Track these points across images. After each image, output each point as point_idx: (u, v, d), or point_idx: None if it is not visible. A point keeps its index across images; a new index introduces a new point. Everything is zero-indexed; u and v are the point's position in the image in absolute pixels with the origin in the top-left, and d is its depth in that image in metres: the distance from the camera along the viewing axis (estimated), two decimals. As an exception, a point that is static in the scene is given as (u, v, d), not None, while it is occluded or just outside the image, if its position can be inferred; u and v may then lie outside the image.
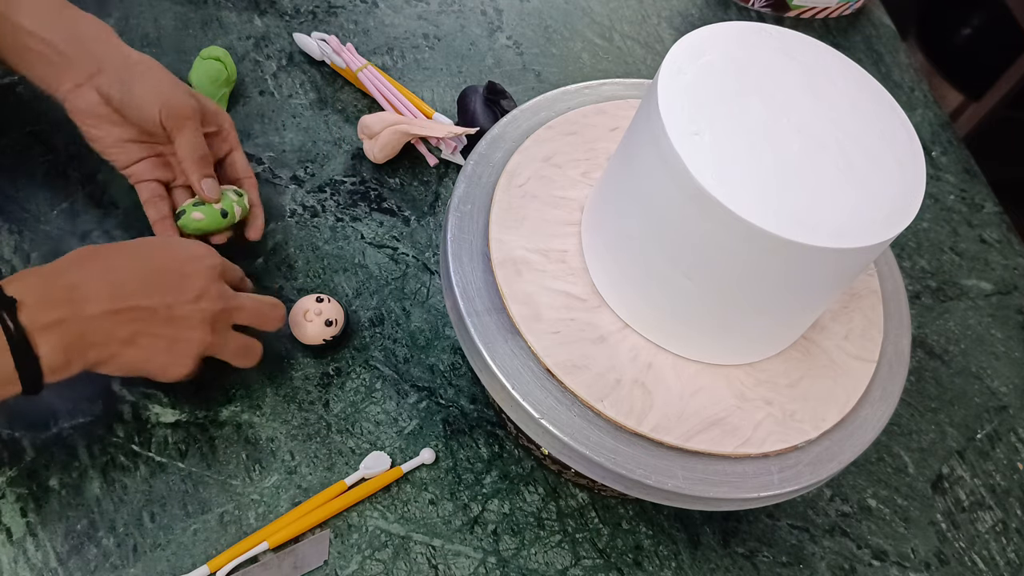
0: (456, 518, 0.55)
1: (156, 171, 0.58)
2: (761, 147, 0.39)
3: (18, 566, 0.49)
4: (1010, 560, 0.61)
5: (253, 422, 0.56)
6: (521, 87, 0.76)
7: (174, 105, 0.54)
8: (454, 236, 0.48)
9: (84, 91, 0.55)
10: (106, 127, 0.56)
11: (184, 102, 0.55)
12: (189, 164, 0.56)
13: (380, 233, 0.65)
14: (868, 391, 0.48)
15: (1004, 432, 0.67)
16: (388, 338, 0.61)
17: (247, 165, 0.61)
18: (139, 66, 0.55)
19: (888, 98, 0.43)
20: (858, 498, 0.61)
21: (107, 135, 0.56)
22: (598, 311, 0.47)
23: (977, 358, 0.70)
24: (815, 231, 0.37)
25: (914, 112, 0.85)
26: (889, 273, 0.54)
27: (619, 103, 0.55)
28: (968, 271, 0.75)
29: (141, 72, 0.55)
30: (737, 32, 0.43)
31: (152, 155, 0.58)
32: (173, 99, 0.54)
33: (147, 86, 0.54)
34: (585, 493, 0.57)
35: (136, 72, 0.55)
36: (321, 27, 0.76)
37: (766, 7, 0.90)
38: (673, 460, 0.43)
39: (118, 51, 0.55)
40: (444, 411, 0.58)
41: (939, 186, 0.80)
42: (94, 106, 0.55)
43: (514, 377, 0.44)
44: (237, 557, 0.51)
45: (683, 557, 0.56)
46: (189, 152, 0.55)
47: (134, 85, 0.54)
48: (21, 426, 0.53)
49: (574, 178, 0.52)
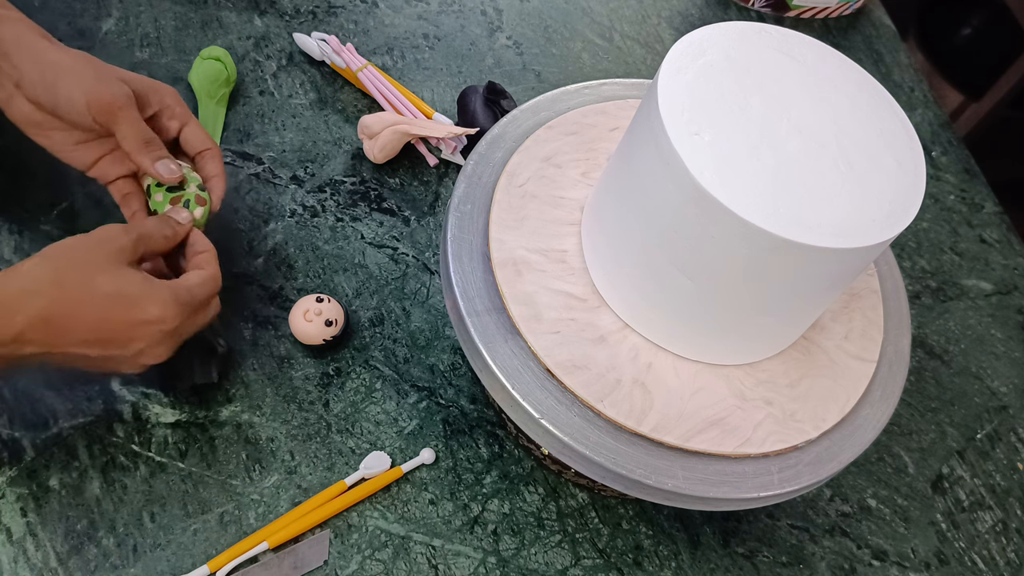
0: (456, 518, 0.55)
1: (119, 166, 0.55)
2: (761, 147, 0.39)
3: (18, 566, 0.49)
4: (1010, 560, 0.61)
5: (253, 422, 0.56)
6: (521, 87, 0.76)
7: (101, 98, 0.51)
8: (454, 236, 0.48)
9: (16, 100, 0.52)
10: (48, 133, 0.53)
11: (111, 91, 0.51)
12: (136, 154, 0.52)
13: (380, 233, 0.65)
14: (868, 391, 0.48)
15: (1004, 432, 0.67)
16: (388, 338, 0.61)
17: (205, 137, 0.56)
18: (58, 65, 0.51)
19: (888, 98, 0.43)
20: (858, 498, 0.61)
21: (53, 141, 0.54)
22: (598, 311, 0.47)
23: (977, 358, 0.70)
24: (815, 231, 0.37)
25: (914, 112, 0.85)
26: (889, 273, 0.54)
27: (619, 103, 0.55)
28: (968, 271, 0.75)
29: (61, 71, 0.51)
30: (737, 32, 0.43)
31: (109, 151, 0.55)
32: (98, 92, 0.51)
33: (70, 84, 0.51)
34: (585, 493, 0.57)
35: (56, 72, 0.51)
36: (321, 27, 0.76)
37: (766, 7, 0.90)
38: (673, 460, 0.43)
39: (35, 52, 0.52)
40: (444, 411, 0.58)
41: (939, 186, 0.80)
42: (29, 114, 0.52)
43: (514, 377, 0.44)
44: (237, 557, 0.51)
45: (683, 557, 0.56)
46: (132, 143, 0.52)
47: (57, 86, 0.51)
48: (21, 426, 0.53)
49: (574, 178, 0.52)
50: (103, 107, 0.51)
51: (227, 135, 0.68)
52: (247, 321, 0.59)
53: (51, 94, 0.51)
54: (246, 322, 0.59)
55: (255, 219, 0.64)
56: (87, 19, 0.71)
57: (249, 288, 0.61)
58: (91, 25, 0.71)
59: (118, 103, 0.51)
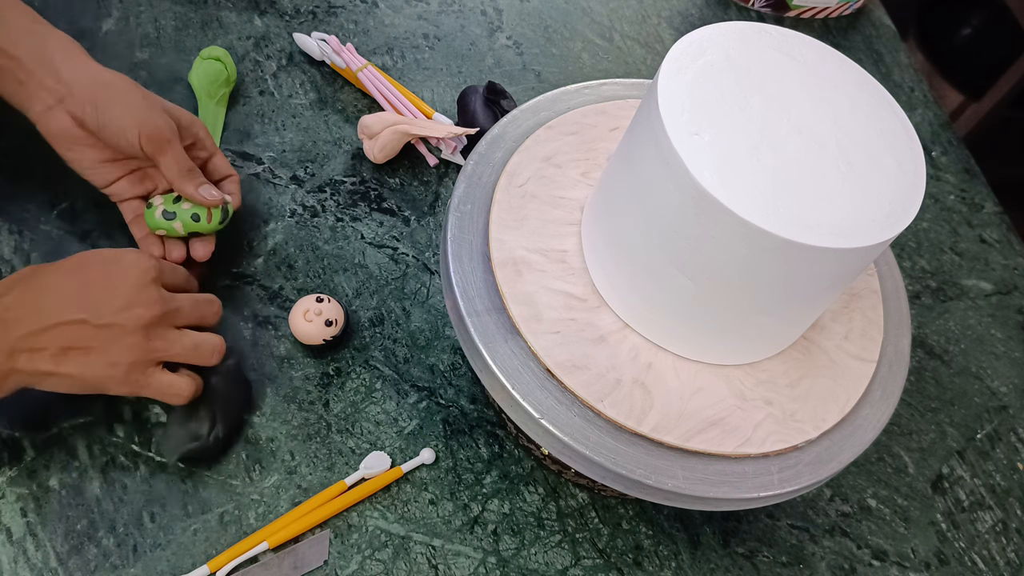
0: (456, 518, 0.55)
1: (136, 187, 0.58)
2: (761, 147, 0.39)
3: (18, 566, 0.49)
4: (1010, 560, 0.61)
5: (253, 422, 0.56)
6: (521, 87, 0.76)
7: (153, 129, 0.53)
8: (454, 236, 0.48)
9: (56, 114, 0.53)
10: (81, 149, 0.55)
11: (162, 124, 0.54)
12: (179, 181, 0.55)
13: (380, 233, 0.65)
14: (868, 391, 0.48)
15: (1004, 432, 0.67)
16: (388, 338, 0.61)
17: (227, 164, 0.60)
18: (110, 88, 0.53)
19: (888, 98, 0.43)
20: (858, 498, 0.61)
21: (83, 157, 0.55)
22: (598, 311, 0.47)
23: (977, 358, 0.70)
24: (815, 231, 0.37)
25: (914, 112, 0.85)
26: (889, 273, 0.54)
27: (619, 103, 0.55)
28: (968, 271, 0.75)
29: (113, 95, 0.53)
30: (737, 32, 0.43)
31: (130, 172, 0.57)
32: (150, 122, 0.53)
33: (122, 110, 0.53)
34: (585, 493, 0.57)
35: (108, 94, 0.53)
36: (321, 27, 0.76)
37: (766, 7, 0.90)
38: (673, 460, 0.43)
39: (87, 71, 0.54)
40: (444, 411, 0.58)
41: (939, 186, 0.80)
42: (67, 129, 0.54)
43: (514, 377, 0.44)
44: (237, 557, 0.51)
45: (683, 557, 0.56)
46: (177, 172, 0.55)
47: (108, 109, 0.53)
48: (21, 426, 0.53)
49: (574, 178, 0.52)
50: (154, 138, 0.53)
51: (227, 135, 0.68)
52: (247, 321, 0.59)
53: (101, 114, 0.53)
54: (246, 322, 0.59)
55: (255, 219, 0.64)
56: (87, 19, 0.71)
57: (249, 288, 0.61)
58: (91, 25, 0.71)
59: (167, 136, 0.54)
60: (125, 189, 0.57)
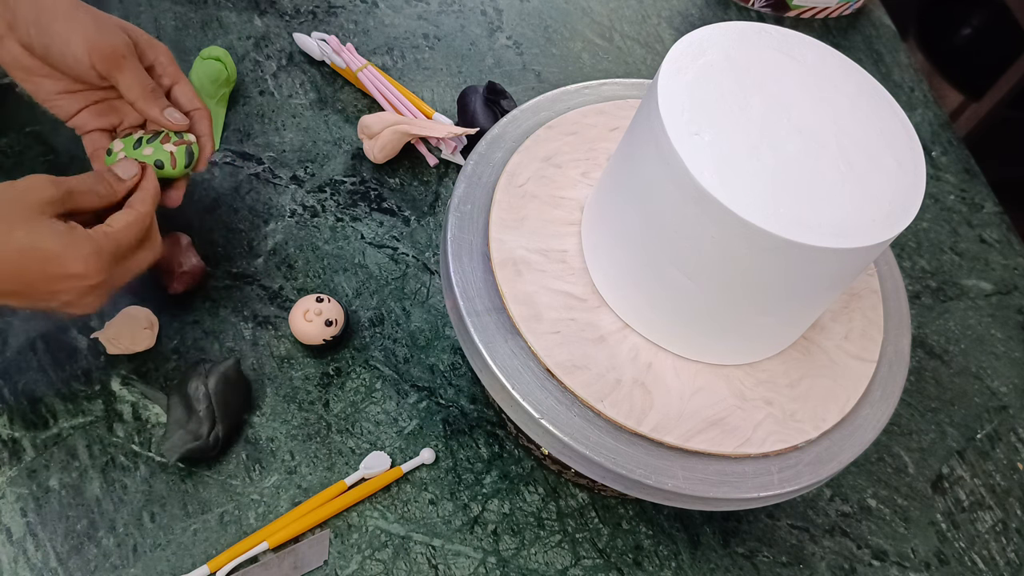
0: (456, 518, 0.55)
1: (100, 118, 0.54)
2: (761, 147, 0.39)
3: (18, 566, 0.49)
4: (1010, 560, 0.61)
5: (253, 422, 0.56)
6: (521, 87, 0.76)
7: (105, 47, 0.49)
8: (454, 236, 0.48)
9: (6, 43, 0.50)
10: (36, 80, 0.52)
11: (115, 40, 0.50)
12: (141, 102, 0.51)
13: (380, 233, 0.65)
14: (868, 391, 0.48)
15: (1004, 432, 0.67)
16: (388, 338, 0.61)
17: (193, 96, 0.55)
18: (55, 8, 0.49)
19: (888, 98, 0.43)
20: (858, 498, 0.61)
21: (38, 88, 0.52)
22: (598, 311, 0.47)
23: (977, 358, 0.70)
24: (815, 231, 0.37)
25: (914, 112, 0.85)
26: (889, 273, 0.54)
27: (619, 103, 0.55)
28: (968, 271, 0.75)
29: (58, 15, 0.49)
30: (737, 32, 0.43)
31: (92, 103, 0.54)
32: (100, 41, 0.49)
33: (65, 26, 0.49)
34: (585, 493, 0.57)
35: (51, 12, 0.49)
36: (321, 27, 0.76)
37: (766, 7, 0.90)
38: (673, 460, 0.43)
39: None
40: (444, 411, 0.58)
41: (939, 186, 0.80)
42: (18, 57, 0.50)
43: (514, 377, 0.44)
44: (237, 557, 0.51)
45: (683, 557, 0.56)
46: (137, 91, 0.51)
47: (50, 25, 0.49)
48: (21, 426, 0.53)
49: (574, 178, 0.52)
50: (106, 56, 0.50)
51: (227, 135, 0.68)
52: (247, 321, 0.59)
53: (45, 38, 0.50)
54: (246, 322, 0.59)
55: (255, 219, 0.64)
56: (87, 19, 0.71)
57: (249, 288, 0.61)
58: (91, 25, 0.71)
59: (120, 52, 0.50)
60: (88, 120, 0.54)
